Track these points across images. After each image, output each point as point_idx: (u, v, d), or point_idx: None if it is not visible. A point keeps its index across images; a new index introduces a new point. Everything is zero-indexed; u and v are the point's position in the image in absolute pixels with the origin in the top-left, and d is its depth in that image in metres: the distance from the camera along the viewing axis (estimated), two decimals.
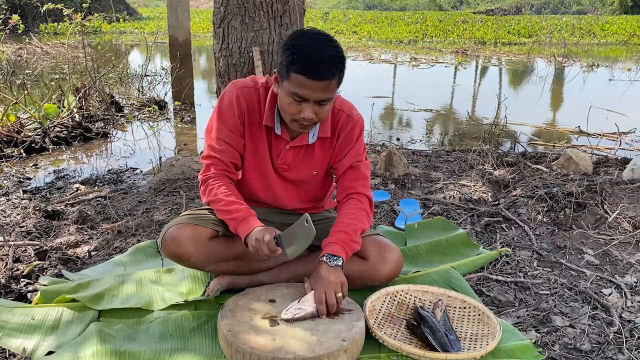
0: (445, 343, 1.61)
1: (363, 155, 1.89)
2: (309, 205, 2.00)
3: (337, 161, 1.88)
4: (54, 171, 3.80)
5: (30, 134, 4.39)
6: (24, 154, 4.10)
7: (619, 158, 3.92)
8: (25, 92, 4.82)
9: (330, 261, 1.69)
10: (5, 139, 4.19)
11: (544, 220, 2.74)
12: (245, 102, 1.79)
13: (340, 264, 1.70)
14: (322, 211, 2.07)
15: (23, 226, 2.66)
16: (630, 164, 3.34)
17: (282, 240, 1.63)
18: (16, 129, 4.32)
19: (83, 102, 5.00)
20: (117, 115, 5.40)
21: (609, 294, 2.06)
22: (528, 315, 1.92)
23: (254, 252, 1.65)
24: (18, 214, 2.83)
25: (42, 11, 6.58)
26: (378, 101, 6.61)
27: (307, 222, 1.59)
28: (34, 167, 3.88)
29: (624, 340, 1.77)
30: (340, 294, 1.66)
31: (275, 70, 1.70)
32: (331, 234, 1.76)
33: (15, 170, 3.74)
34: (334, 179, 1.96)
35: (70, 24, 5.80)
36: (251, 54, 3.15)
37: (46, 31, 12.28)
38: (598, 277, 2.18)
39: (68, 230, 2.63)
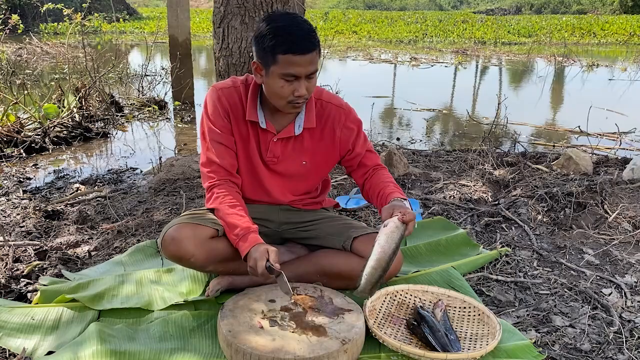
0: (445, 343, 1.61)
1: (367, 140, 1.97)
2: (303, 197, 2.00)
3: (349, 152, 1.92)
4: (54, 171, 3.80)
5: (30, 134, 4.39)
6: (24, 154, 4.10)
7: (619, 158, 3.92)
8: (25, 92, 4.82)
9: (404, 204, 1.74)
10: (5, 139, 4.19)
11: (544, 220, 2.74)
12: (227, 101, 1.81)
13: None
14: (320, 209, 2.07)
15: (23, 226, 2.67)
16: (630, 163, 3.34)
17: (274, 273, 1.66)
18: (16, 129, 4.32)
19: (83, 102, 5.00)
20: (117, 115, 5.41)
21: (609, 294, 2.06)
22: (528, 315, 1.93)
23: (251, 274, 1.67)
24: (18, 214, 2.83)
25: (42, 11, 6.59)
26: (378, 101, 6.61)
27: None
28: (34, 167, 3.88)
29: (624, 340, 1.77)
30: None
31: (253, 61, 1.71)
32: (394, 189, 1.81)
33: (15, 170, 3.74)
34: (346, 169, 2.00)
35: (70, 24, 5.80)
36: (251, 53, 3.15)
37: (46, 31, 12.27)
38: (598, 277, 2.18)
39: (68, 230, 2.63)
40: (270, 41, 1.61)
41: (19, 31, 5.83)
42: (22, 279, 2.09)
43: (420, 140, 4.97)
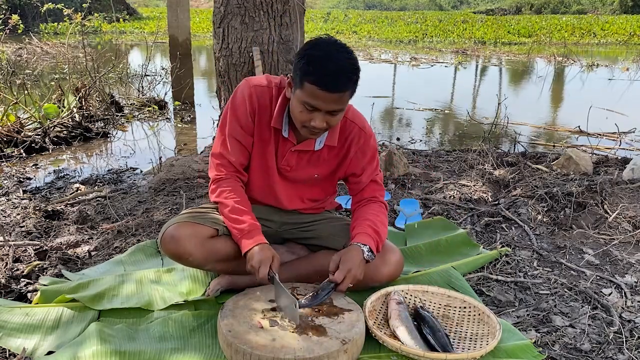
0: (445, 343, 1.61)
1: (379, 168, 1.94)
2: (309, 205, 2.00)
3: (355, 176, 1.90)
4: (54, 171, 3.80)
5: (30, 134, 4.39)
6: (24, 154, 4.10)
7: (619, 158, 3.92)
8: (25, 92, 4.82)
9: (368, 256, 1.73)
10: (5, 139, 4.19)
11: (544, 220, 2.74)
12: (257, 100, 1.79)
13: (370, 260, 1.74)
14: (323, 212, 2.07)
15: (23, 226, 2.66)
16: (630, 163, 3.34)
17: (275, 282, 1.67)
18: (16, 129, 4.32)
19: (83, 102, 5.00)
20: (117, 115, 5.40)
21: (609, 294, 2.06)
22: (528, 315, 1.93)
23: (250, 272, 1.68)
24: (18, 214, 2.83)
25: (42, 11, 6.58)
26: (378, 101, 6.61)
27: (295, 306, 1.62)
28: (34, 167, 3.88)
29: (624, 340, 1.77)
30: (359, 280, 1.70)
31: (289, 75, 1.70)
32: (367, 226, 1.78)
33: (15, 170, 3.74)
34: (348, 190, 1.99)
35: (70, 24, 5.80)
36: (251, 53, 3.15)
37: (46, 31, 12.27)
38: (598, 277, 2.18)
39: (68, 230, 2.63)
40: (302, 66, 1.58)
41: (19, 31, 5.82)
42: (22, 279, 2.09)
43: (420, 140, 4.97)
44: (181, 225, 1.76)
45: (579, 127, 5.06)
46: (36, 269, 2.18)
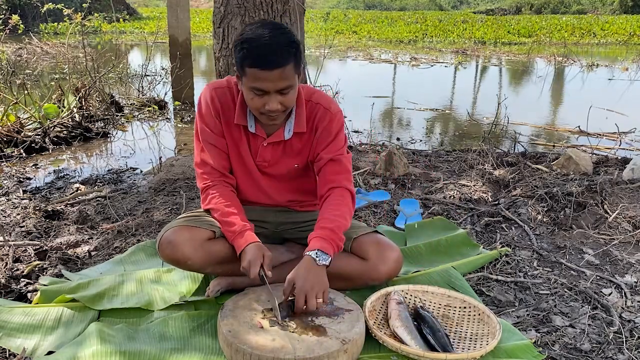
0: (445, 343, 1.61)
1: (344, 149, 1.84)
2: (302, 198, 1.99)
3: (316, 154, 1.83)
4: (54, 171, 3.80)
5: (30, 134, 4.39)
6: (24, 154, 4.10)
7: (619, 158, 3.92)
8: (25, 92, 4.82)
9: (319, 259, 1.62)
10: (5, 139, 4.19)
11: (544, 220, 2.74)
12: (219, 102, 1.80)
13: (327, 263, 1.64)
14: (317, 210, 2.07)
15: (23, 226, 2.67)
16: (630, 163, 3.34)
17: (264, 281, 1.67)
18: (16, 129, 4.32)
19: (83, 102, 5.00)
20: (117, 115, 5.40)
21: (609, 294, 2.06)
22: (528, 315, 1.93)
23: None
24: (18, 214, 2.83)
25: (42, 11, 6.58)
26: (378, 101, 6.61)
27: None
28: (34, 167, 3.88)
29: (624, 340, 1.77)
30: (320, 300, 1.60)
31: (234, 68, 1.69)
32: (317, 228, 1.70)
33: (15, 170, 3.74)
34: (316, 173, 1.88)
35: (70, 24, 5.80)
36: None
37: (46, 31, 12.25)
38: (598, 277, 2.18)
39: (68, 230, 2.63)
40: (238, 53, 1.58)
41: (19, 31, 5.82)
42: (22, 279, 2.09)
43: (420, 140, 4.97)
44: (177, 229, 1.75)
45: (579, 127, 5.06)
46: (36, 269, 2.18)
